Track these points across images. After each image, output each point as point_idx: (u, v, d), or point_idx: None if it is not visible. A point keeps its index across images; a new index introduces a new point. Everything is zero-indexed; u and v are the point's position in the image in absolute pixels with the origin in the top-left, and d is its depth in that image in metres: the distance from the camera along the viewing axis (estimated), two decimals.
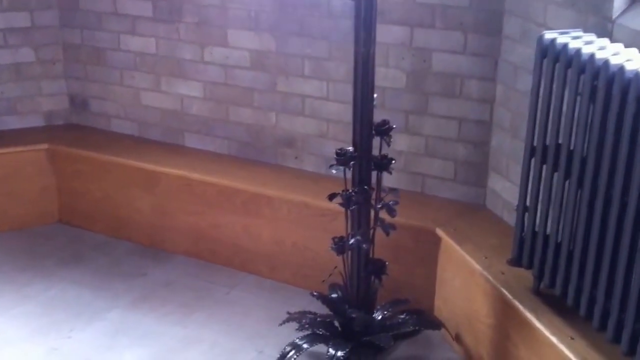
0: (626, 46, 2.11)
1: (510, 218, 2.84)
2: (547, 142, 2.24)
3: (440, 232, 2.84)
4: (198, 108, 3.55)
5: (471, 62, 2.89)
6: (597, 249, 2.06)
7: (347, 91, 3.15)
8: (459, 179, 3.05)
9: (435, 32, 2.92)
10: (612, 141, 1.96)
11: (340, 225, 2.72)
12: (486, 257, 2.63)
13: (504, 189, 2.88)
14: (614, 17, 2.21)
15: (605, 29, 2.23)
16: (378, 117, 3.10)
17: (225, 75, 3.43)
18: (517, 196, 2.77)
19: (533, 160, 2.32)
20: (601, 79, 1.97)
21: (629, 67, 1.89)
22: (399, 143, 3.05)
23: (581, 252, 2.13)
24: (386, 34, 2.96)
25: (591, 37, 2.18)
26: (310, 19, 3.14)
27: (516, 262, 2.45)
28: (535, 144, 2.31)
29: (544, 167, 2.28)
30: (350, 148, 2.53)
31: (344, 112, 3.20)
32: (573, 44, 2.11)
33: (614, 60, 1.95)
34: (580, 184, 2.11)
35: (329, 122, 3.26)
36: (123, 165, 3.52)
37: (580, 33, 2.23)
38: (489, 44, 2.83)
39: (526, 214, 2.39)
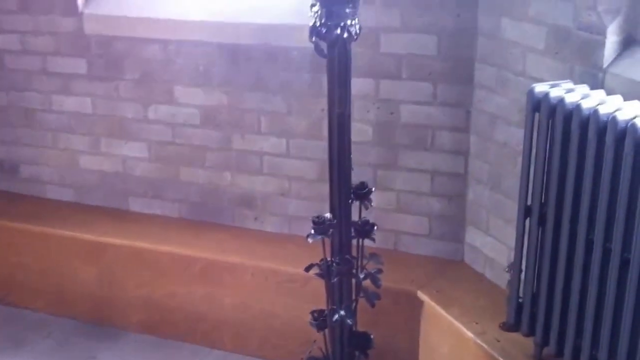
0: (623, 97, 2.00)
1: (494, 275, 2.70)
2: (547, 201, 2.10)
3: (422, 295, 2.66)
4: (143, 169, 3.27)
5: (442, 112, 2.74)
6: (614, 312, 1.91)
7: (308, 147, 2.99)
8: (434, 234, 2.89)
9: (402, 82, 2.76)
10: (627, 201, 1.82)
11: (311, 291, 2.51)
12: (477, 323, 2.46)
13: (485, 245, 2.73)
14: (604, 65, 2.10)
15: (595, 79, 2.12)
16: None
17: (173, 134, 3.17)
18: (500, 252, 2.66)
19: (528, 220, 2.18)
20: (609, 136, 1.84)
21: None
22: None
23: (594, 316, 1.98)
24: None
25: (584, 88, 2.06)
26: (266, 71, 2.94)
27: (514, 328, 2.29)
28: (529, 203, 2.17)
29: (543, 226, 2.14)
30: (328, 214, 2.33)
31: (307, 168, 3.01)
32: (570, 98, 1.98)
33: (622, 116, 1.82)
34: (588, 244, 1.97)
35: (290, 180, 3.05)
36: (62, 236, 3.20)
37: (571, 84, 2.10)
38: (460, 93, 2.69)
39: (521, 276, 2.24)
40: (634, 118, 1.80)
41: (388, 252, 2.94)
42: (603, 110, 1.87)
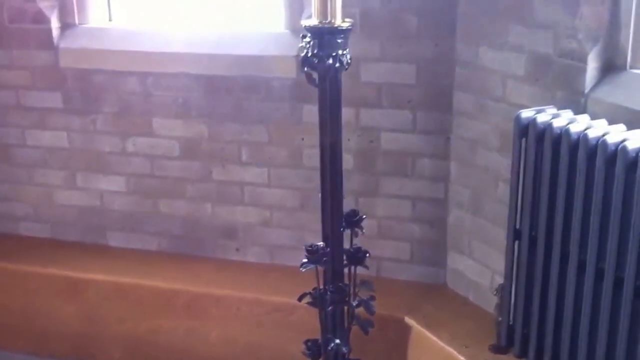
0: (607, 121, 2.08)
1: (478, 298, 2.74)
2: (537, 223, 2.16)
3: (409, 320, 2.69)
4: (121, 203, 3.24)
5: (421, 139, 2.79)
6: (608, 331, 1.97)
7: (289, 176, 3.00)
8: (416, 259, 2.93)
9: (382, 111, 2.81)
10: (619, 221, 1.89)
11: (298, 320, 2.52)
12: (466, 346, 2.49)
13: (468, 268, 2.77)
14: (586, 91, 2.18)
15: (577, 104, 2.19)
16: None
17: (152, 167, 3.16)
18: (483, 275, 2.71)
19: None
20: (599, 159, 1.91)
21: (631, 145, 1.84)
22: None
23: (588, 335, 2.03)
24: None
25: (569, 113, 2.14)
26: (246, 102, 2.95)
27: (504, 350, 2.33)
28: (518, 226, 2.22)
29: (533, 248, 2.19)
30: (320, 243, 2.34)
31: (288, 198, 3.03)
32: (557, 122, 2.05)
33: (611, 139, 1.90)
34: (580, 265, 2.03)
35: (272, 210, 3.06)
36: (40, 274, 3.14)
37: (555, 110, 2.18)
38: (439, 120, 2.75)
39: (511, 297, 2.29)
40: (623, 141, 1.87)
41: (371, 278, 2.96)
42: (592, 134, 1.95)
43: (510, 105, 2.44)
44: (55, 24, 3.11)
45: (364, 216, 2.36)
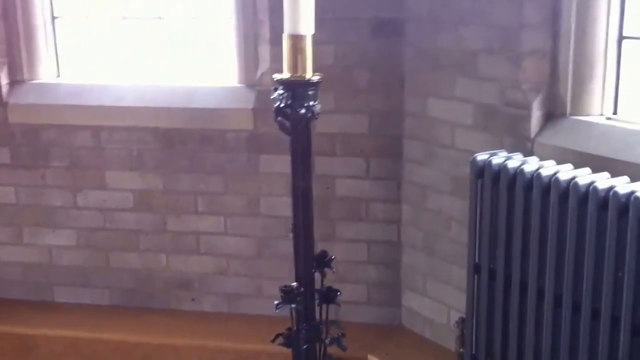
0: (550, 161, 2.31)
1: (434, 334, 2.89)
2: (496, 257, 2.34)
3: (372, 358, 2.80)
4: (71, 258, 3.22)
5: (374, 185, 2.96)
6: (569, 355, 2.15)
7: (246, 224, 3.09)
8: (373, 301, 3.06)
9: (337, 159, 2.96)
10: (574, 249, 2.09)
11: None
12: None
13: (423, 306, 2.92)
14: (532, 136, 2.41)
15: (525, 148, 2.42)
16: (281, 246, 3.07)
17: (104, 220, 3.17)
18: (438, 312, 2.87)
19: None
20: (553, 194, 2.12)
21: (582, 181, 2.06)
22: None
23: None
24: (286, 163, 2.93)
25: (519, 156, 2.35)
26: (202, 154, 3.04)
27: None
28: (477, 260, 2.40)
29: (493, 281, 2.37)
30: (294, 284, 2.44)
31: (244, 246, 3.11)
32: (512, 164, 2.26)
33: (563, 176, 2.11)
34: (540, 293, 2.22)
35: (228, 258, 3.13)
36: None
37: (505, 153, 2.39)
38: (391, 167, 2.93)
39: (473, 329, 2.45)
40: (574, 178, 2.09)
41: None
42: (544, 172, 2.16)
43: (459, 151, 2.65)
44: (4, 80, 3.12)
45: (334, 256, 2.48)
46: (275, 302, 2.40)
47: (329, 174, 2.99)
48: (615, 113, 2.36)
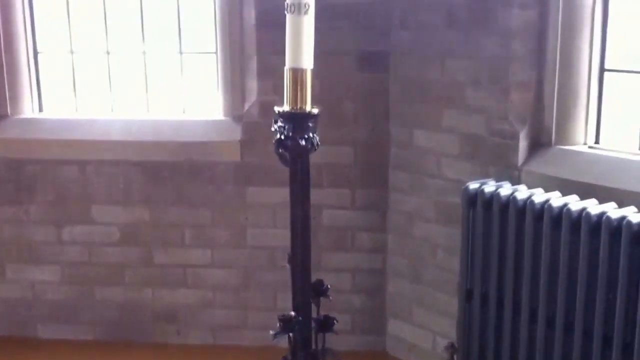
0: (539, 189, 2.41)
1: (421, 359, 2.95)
2: (489, 282, 2.41)
3: None
4: (54, 293, 3.19)
5: (360, 215, 3.02)
6: None
7: (233, 256, 3.11)
8: (357, 329, 3.10)
9: (323, 190, 3.02)
10: (567, 272, 2.19)
11: None
12: None
13: (408, 332, 2.98)
14: (519, 165, 2.51)
15: (512, 176, 2.52)
16: (267, 276, 3.10)
17: (89, 254, 3.15)
18: (423, 338, 2.93)
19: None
20: (546, 220, 2.21)
21: (574, 207, 2.16)
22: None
23: None
24: (273, 194, 3.00)
25: (507, 184, 2.45)
26: (189, 186, 3.06)
27: None
28: (469, 286, 2.47)
29: (485, 305, 2.44)
30: (292, 313, 2.47)
31: (232, 277, 3.13)
32: (504, 192, 2.35)
33: (555, 203, 2.21)
34: (532, 314, 2.30)
35: (214, 290, 3.14)
36: None
37: (494, 182, 2.48)
38: (376, 197, 3.00)
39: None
40: (567, 204, 2.19)
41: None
42: (537, 199, 2.26)
43: (446, 180, 2.74)
44: None
45: (329, 285, 2.53)
46: (272, 331, 2.45)
47: (315, 203, 2.96)
48: (597, 142, 2.48)
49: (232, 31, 2.96)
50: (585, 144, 2.48)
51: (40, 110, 3.22)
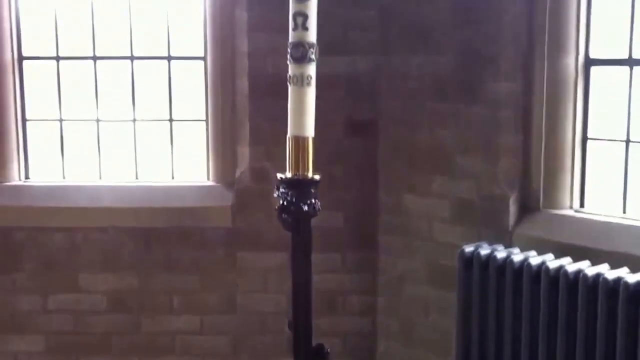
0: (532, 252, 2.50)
1: None
2: (486, 341, 2.47)
3: None
4: None
5: (350, 278, 3.07)
6: None
7: (222, 322, 3.11)
8: None
9: (313, 254, 3.05)
10: (565, 333, 2.26)
11: None
12: None
13: None
14: (510, 228, 2.61)
15: (503, 239, 2.60)
16: (257, 343, 3.10)
17: (75, 323, 3.11)
18: None
19: None
20: (544, 281, 2.29)
21: (571, 269, 2.25)
22: None
23: None
24: (265, 259, 3.02)
25: (500, 247, 2.53)
26: (178, 252, 3.07)
27: None
28: (467, 346, 2.52)
29: None
30: None
31: (221, 343, 3.11)
32: (500, 254, 2.43)
33: (552, 265, 2.30)
34: None
35: (204, 357, 3.11)
36: None
37: (487, 245, 2.56)
38: (366, 260, 3.05)
39: None
40: (562, 267, 2.28)
41: None
42: (533, 261, 2.34)
43: (437, 243, 2.81)
44: None
45: (329, 349, 2.55)
46: None
47: None
48: (582, 206, 2.60)
49: (225, 99, 3.03)
50: (571, 207, 2.60)
51: (27, 177, 3.20)
